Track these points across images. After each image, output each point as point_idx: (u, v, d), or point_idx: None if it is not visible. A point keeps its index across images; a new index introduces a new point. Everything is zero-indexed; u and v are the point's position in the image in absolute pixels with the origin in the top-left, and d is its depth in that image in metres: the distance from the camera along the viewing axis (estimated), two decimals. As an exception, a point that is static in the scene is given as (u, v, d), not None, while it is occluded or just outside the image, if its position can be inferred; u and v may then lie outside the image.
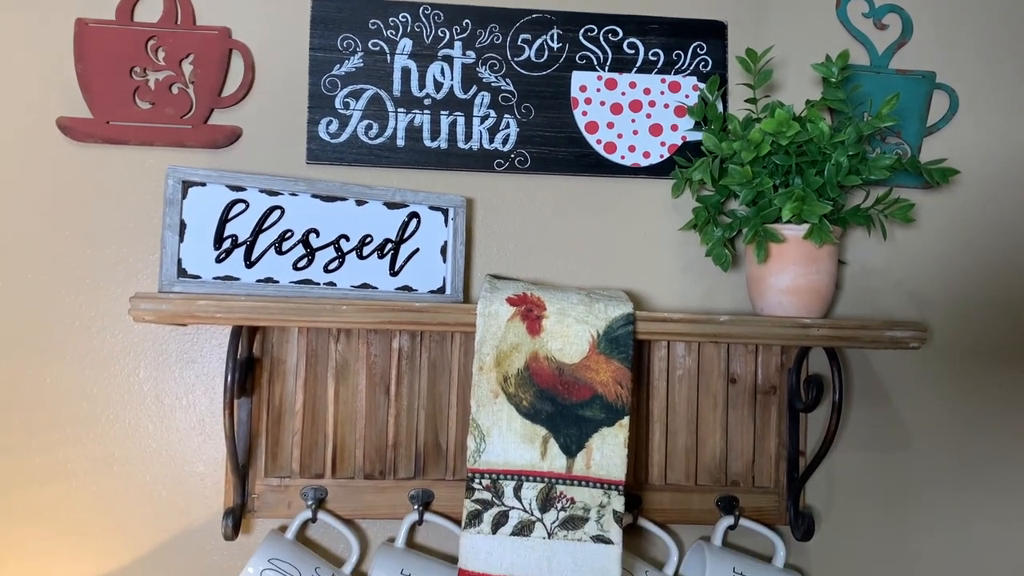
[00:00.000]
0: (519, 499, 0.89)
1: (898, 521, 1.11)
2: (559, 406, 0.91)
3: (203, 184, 0.93)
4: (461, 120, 1.06)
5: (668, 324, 0.93)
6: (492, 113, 1.06)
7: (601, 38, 1.08)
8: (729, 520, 1.04)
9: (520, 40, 1.07)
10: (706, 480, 1.07)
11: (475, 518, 0.89)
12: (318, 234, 0.96)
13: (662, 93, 1.08)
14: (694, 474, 1.07)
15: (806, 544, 1.09)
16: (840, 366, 0.98)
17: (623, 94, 1.08)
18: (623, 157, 1.08)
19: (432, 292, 1.01)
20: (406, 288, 1.00)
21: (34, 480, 0.98)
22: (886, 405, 1.11)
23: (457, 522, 1.00)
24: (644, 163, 1.08)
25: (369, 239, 0.98)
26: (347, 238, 0.97)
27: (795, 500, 1.06)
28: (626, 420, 0.91)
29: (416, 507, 1.00)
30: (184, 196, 0.92)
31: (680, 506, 1.05)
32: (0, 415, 0.98)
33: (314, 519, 0.99)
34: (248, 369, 0.98)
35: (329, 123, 1.04)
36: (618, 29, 1.08)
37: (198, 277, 0.92)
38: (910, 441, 1.12)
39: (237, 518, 0.96)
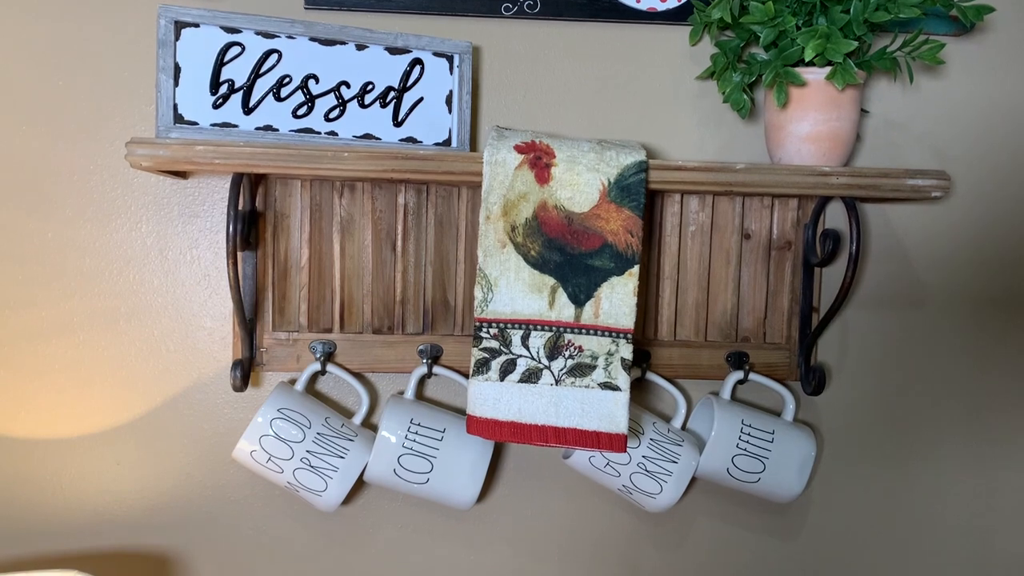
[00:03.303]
0: (527, 347, 0.88)
1: (910, 377, 1.11)
2: (568, 256, 0.89)
3: (196, 25, 0.88)
4: (466, -40, 1.00)
5: (682, 173, 0.90)
6: (499, -47, 1.00)
7: None
8: (739, 375, 1.04)
9: None
10: (716, 336, 1.06)
11: (483, 366, 0.88)
12: (318, 80, 0.92)
13: (680, -70, 1.02)
14: (704, 330, 1.06)
15: (816, 399, 1.09)
16: (858, 218, 0.95)
17: (638, -69, 1.01)
18: (638, 0, 1.02)
19: (437, 144, 0.97)
20: (410, 140, 0.96)
21: (40, 334, 0.98)
22: (904, 262, 1.09)
23: (465, 376, 1.00)
24: (661, 7, 1.02)
25: (371, 87, 0.94)
26: (348, 85, 0.93)
27: (806, 356, 1.05)
28: (635, 269, 0.89)
29: (425, 360, 1.00)
30: (177, 38, 0.88)
31: (689, 362, 1.05)
32: (3, 269, 0.98)
33: (323, 372, 0.99)
34: (251, 222, 0.97)
35: (327, -36, 0.98)
36: None
37: (195, 124, 0.89)
38: (926, 299, 1.10)
39: (246, 370, 0.96)
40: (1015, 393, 1.12)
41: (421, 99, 0.96)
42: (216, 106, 0.90)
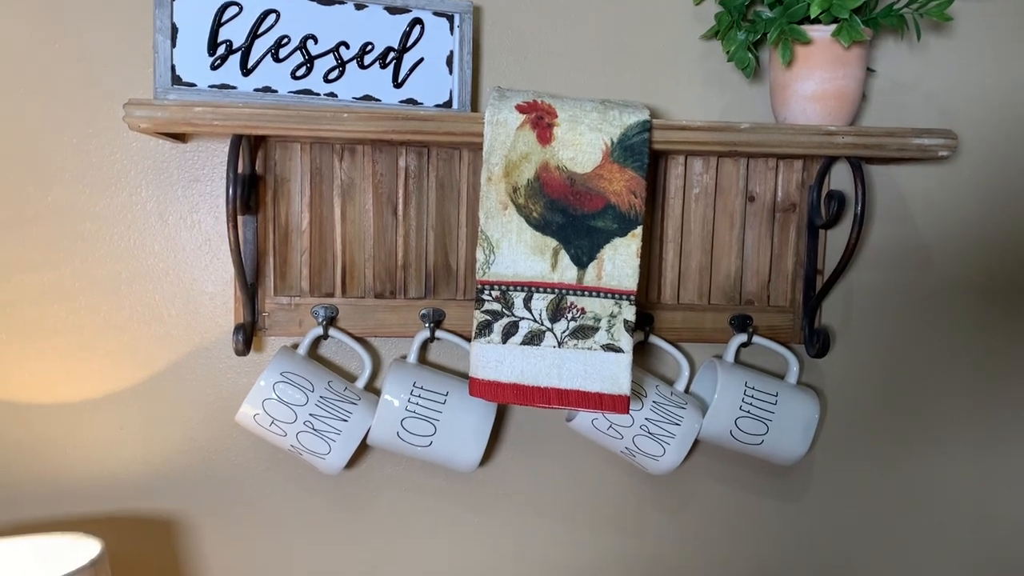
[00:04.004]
0: (529, 310, 0.88)
1: (915, 339, 1.10)
2: (570, 217, 0.88)
3: (192, -16, 0.87)
4: (466, -82, 0.98)
5: (686, 132, 0.89)
6: (499, -90, 0.98)
7: None
8: (742, 337, 1.03)
9: None
10: (720, 300, 1.05)
11: (485, 328, 0.88)
12: (316, 41, 0.91)
13: None
14: (708, 294, 1.05)
15: (820, 362, 1.09)
16: (864, 179, 0.94)
17: None
18: (640, -42, 1.00)
19: (438, 106, 0.96)
20: (411, 101, 0.95)
21: (42, 299, 0.98)
22: (909, 224, 1.08)
23: (468, 340, 0.99)
24: (663, -35, 1.01)
25: (370, 47, 0.93)
26: (347, 46, 0.92)
27: (810, 318, 1.05)
28: (639, 230, 0.88)
29: (428, 325, 1.00)
30: (173, -2, 0.87)
31: (692, 325, 1.04)
32: (4, 233, 0.97)
33: (326, 336, 0.98)
34: (251, 186, 0.96)
35: (325, -77, 0.97)
36: None
37: (193, 85, 0.88)
38: (932, 261, 1.09)
39: (248, 334, 0.96)
40: (1020, 354, 1.11)
41: (421, 60, 0.95)
42: (214, 67, 0.89)
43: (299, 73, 0.91)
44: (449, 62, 0.96)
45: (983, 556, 1.14)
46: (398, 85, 0.94)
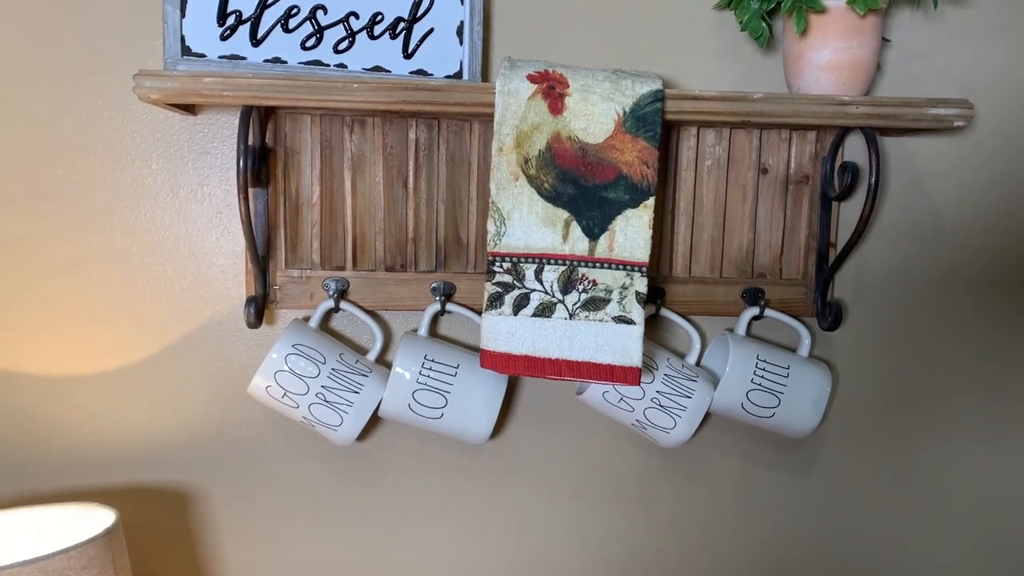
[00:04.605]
0: (540, 282, 0.88)
1: (928, 312, 1.09)
2: (582, 188, 0.88)
3: (201, -46, 0.87)
4: None
5: (699, 102, 0.89)
6: None
7: None
8: (754, 310, 1.03)
9: None
10: (732, 273, 1.05)
11: (496, 300, 0.88)
12: (326, 11, 0.91)
13: None
14: (719, 267, 1.04)
15: (832, 335, 1.08)
16: (878, 150, 0.93)
17: None
18: (653, -74, 0.99)
19: (448, 77, 0.96)
20: (421, 72, 0.95)
21: (54, 271, 0.98)
22: (923, 197, 1.07)
23: (478, 314, 0.99)
24: (676, -67, 0.99)
25: (380, 17, 0.92)
26: (356, 15, 0.92)
27: (823, 291, 1.04)
28: (651, 201, 0.88)
29: (438, 298, 1.00)
30: (182, -33, 0.86)
31: (704, 298, 1.04)
32: (15, 206, 0.97)
33: (337, 309, 0.99)
34: (262, 158, 0.96)
35: None
36: None
37: (203, 56, 0.88)
38: (945, 234, 1.08)
39: (260, 307, 0.96)
40: (1034, 329, 1.11)
41: (431, 30, 0.94)
42: (224, 38, 0.89)
43: (309, 44, 0.91)
44: (459, 32, 0.95)
45: (993, 529, 1.14)
46: (408, 56, 0.94)
